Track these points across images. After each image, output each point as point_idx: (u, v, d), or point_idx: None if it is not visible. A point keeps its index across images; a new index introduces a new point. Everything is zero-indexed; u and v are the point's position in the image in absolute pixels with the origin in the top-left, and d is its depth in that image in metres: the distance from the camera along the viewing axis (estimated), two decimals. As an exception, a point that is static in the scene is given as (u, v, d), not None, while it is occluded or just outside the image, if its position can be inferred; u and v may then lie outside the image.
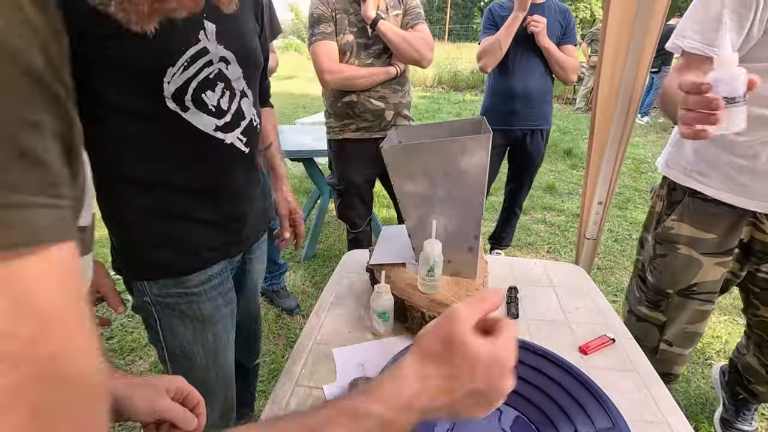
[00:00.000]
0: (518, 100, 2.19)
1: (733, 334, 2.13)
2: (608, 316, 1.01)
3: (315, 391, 0.78)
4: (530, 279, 1.15)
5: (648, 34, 1.04)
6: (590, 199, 1.21)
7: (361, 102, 1.77)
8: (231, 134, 0.84)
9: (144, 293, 0.86)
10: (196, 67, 0.75)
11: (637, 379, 0.82)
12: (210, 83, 0.78)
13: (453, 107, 8.36)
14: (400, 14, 1.77)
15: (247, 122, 0.87)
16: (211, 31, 0.76)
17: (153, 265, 0.85)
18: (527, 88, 2.18)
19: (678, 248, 1.15)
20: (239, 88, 0.84)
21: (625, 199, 3.86)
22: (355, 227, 2.07)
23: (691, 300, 1.17)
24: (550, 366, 0.73)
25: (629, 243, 3.09)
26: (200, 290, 0.89)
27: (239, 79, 0.84)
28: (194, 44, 0.74)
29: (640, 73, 1.08)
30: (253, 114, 0.89)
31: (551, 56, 2.11)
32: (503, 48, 2.09)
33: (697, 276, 1.14)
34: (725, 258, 1.12)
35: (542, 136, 2.31)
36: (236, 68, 0.82)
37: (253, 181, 0.95)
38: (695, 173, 1.10)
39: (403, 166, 0.91)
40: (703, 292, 1.16)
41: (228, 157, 0.84)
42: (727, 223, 1.09)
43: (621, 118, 1.12)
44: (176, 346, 0.90)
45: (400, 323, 0.95)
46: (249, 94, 0.87)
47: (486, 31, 2.19)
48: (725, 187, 1.06)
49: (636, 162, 4.93)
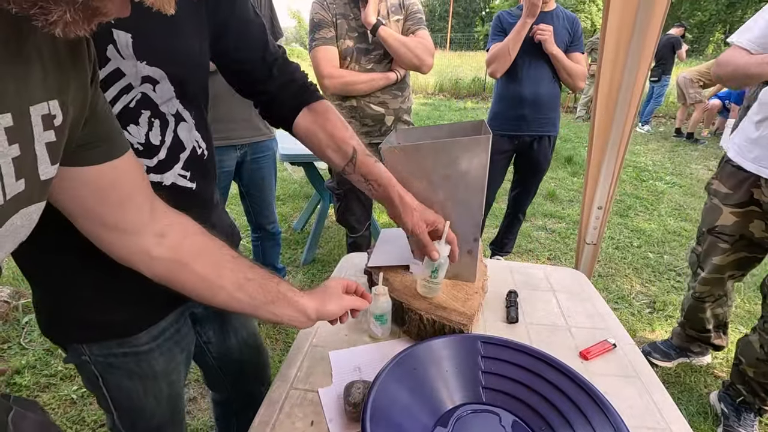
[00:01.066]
0: (527, 106, 2.19)
1: (735, 343, 2.10)
2: (609, 322, 1.00)
3: (310, 394, 0.76)
4: (530, 283, 1.14)
5: (646, 43, 1.05)
6: (590, 203, 1.20)
7: (361, 107, 1.77)
8: (169, 173, 0.68)
9: (81, 353, 0.71)
10: (107, 97, 0.58)
11: (639, 385, 0.81)
12: (131, 115, 0.61)
13: (454, 114, 8.39)
14: (402, 20, 1.78)
15: (188, 153, 0.70)
16: (125, 43, 0.57)
17: (88, 325, 0.69)
18: (536, 94, 2.18)
19: (712, 199, 1.64)
20: (171, 111, 0.66)
21: (626, 207, 3.85)
22: (354, 231, 2.06)
23: (714, 237, 1.63)
24: (550, 370, 0.72)
25: (630, 250, 3.07)
26: (151, 347, 0.74)
27: (171, 101, 0.65)
28: (101, 66, 0.56)
29: (638, 80, 1.08)
30: (197, 140, 0.72)
31: (559, 63, 2.11)
32: (512, 54, 2.09)
33: (718, 219, 1.60)
34: (737, 209, 1.55)
35: (549, 142, 2.31)
36: (167, 87, 0.64)
37: (208, 218, 0.77)
38: (735, 145, 1.55)
39: (402, 168, 0.90)
40: (721, 233, 1.60)
41: (171, 201, 0.62)
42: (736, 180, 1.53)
43: (620, 123, 1.12)
44: (123, 399, 0.77)
45: (398, 326, 0.93)
46: (187, 116, 0.69)
47: (495, 37, 2.19)
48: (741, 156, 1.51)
49: (637, 170, 4.93)
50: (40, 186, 0.43)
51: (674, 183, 4.59)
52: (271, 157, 1.99)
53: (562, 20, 2.14)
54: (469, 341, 0.77)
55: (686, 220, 3.63)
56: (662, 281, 2.70)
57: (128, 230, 0.56)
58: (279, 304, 0.65)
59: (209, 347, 0.94)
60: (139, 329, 0.72)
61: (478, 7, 30.08)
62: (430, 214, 0.85)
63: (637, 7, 0.99)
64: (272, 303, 0.65)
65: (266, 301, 0.64)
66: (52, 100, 0.41)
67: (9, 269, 2.49)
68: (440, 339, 0.77)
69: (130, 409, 0.78)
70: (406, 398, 0.67)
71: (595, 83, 1.12)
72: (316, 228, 2.81)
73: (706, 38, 21.62)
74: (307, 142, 0.83)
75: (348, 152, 0.80)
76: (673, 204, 4.01)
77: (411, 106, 1.93)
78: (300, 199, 3.87)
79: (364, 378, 0.76)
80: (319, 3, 1.71)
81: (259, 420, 0.71)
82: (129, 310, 0.71)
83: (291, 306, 0.66)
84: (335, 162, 0.82)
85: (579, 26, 2.19)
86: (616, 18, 1.05)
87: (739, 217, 1.55)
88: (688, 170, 5.09)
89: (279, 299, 0.65)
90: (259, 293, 0.64)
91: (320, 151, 0.82)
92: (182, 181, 0.71)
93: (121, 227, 0.55)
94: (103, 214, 0.54)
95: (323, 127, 0.80)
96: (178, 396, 0.86)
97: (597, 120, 1.13)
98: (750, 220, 1.54)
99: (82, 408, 1.65)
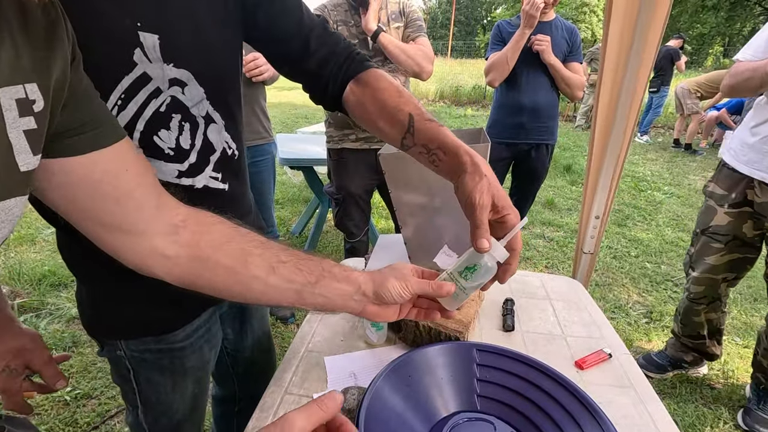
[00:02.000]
0: (526, 114, 2.21)
1: (732, 355, 2.11)
2: (605, 331, 1.00)
3: (304, 400, 0.76)
4: (527, 291, 1.14)
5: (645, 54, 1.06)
6: (588, 213, 1.20)
7: None
8: (201, 176, 0.67)
9: (117, 348, 0.73)
10: (137, 102, 0.56)
11: (634, 396, 0.81)
12: (162, 119, 0.60)
13: (454, 121, 8.42)
14: (402, 27, 1.79)
15: (218, 154, 0.69)
16: (152, 45, 0.55)
17: (129, 323, 0.71)
18: (535, 103, 2.20)
19: (707, 201, 1.71)
20: (201, 113, 0.65)
21: (624, 217, 3.87)
22: (352, 237, 2.06)
23: (708, 237, 1.70)
24: (546, 379, 0.72)
25: (627, 260, 3.08)
26: (184, 344, 0.76)
27: (201, 102, 0.64)
28: (128, 71, 0.54)
29: (638, 90, 1.09)
30: (226, 141, 0.70)
31: (557, 73, 2.14)
32: (510, 63, 2.11)
33: (713, 220, 1.66)
34: (732, 210, 1.61)
35: (547, 151, 2.33)
36: (196, 89, 0.62)
37: (240, 216, 0.74)
38: (731, 150, 1.63)
39: (401, 174, 0.91)
40: (715, 233, 1.67)
41: (203, 203, 0.59)
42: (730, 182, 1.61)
43: (619, 133, 1.13)
44: (151, 393, 0.78)
45: (394, 333, 0.93)
46: (216, 117, 0.67)
47: (494, 47, 2.22)
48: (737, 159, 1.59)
49: (635, 180, 4.95)
50: (20, 178, 0.39)
51: (672, 193, 4.61)
52: (270, 161, 2.00)
53: (560, 30, 2.17)
54: (464, 349, 0.77)
55: (684, 231, 3.65)
56: (659, 291, 2.70)
57: (131, 231, 0.50)
58: (325, 283, 0.55)
59: (225, 343, 0.95)
60: (177, 326, 0.73)
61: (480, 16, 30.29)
62: (504, 197, 0.59)
63: (637, 18, 1.00)
64: (317, 283, 0.54)
65: (308, 282, 0.54)
66: (29, 83, 0.38)
67: (5, 268, 2.49)
68: (436, 346, 0.77)
69: (156, 404, 0.79)
70: (401, 405, 0.67)
71: (596, 93, 1.13)
72: (315, 232, 2.81)
73: (705, 50, 21.81)
74: (359, 119, 0.72)
75: (404, 121, 0.65)
76: (670, 214, 4.03)
77: None
78: (299, 203, 3.87)
79: (359, 384, 0.76)
80: (320, 10, 1.72)
81: (253, 425, 0.71)
82: (169, 309, 0.71)
83: (341, 280, 0.55)
84: (392, 136, 0.68)
85: (578, 36, 2.21)
86: (617, 29, 1.06)
87: (733, 217, 1.62)
88: (686, 181, 5.11)
89: (324, 277, 0.55)
90: (298, 275, 0.54)
91: (374, 127, 0.70)
92: (214, 183, 0.69)
93: (123, 228, 0.50)
94: (99, 213, 0.48)
95: (373, 97, 0.69)
96: (202, 393, 0.87)
97: (597, 129, 1.14)
98: (744, 220, 1.61)
99: (75, 410, 1.64)
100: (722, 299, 1.76)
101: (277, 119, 7.46)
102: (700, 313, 1.78)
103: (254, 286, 0.54)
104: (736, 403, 1.82)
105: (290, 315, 2.24)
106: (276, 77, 1.93)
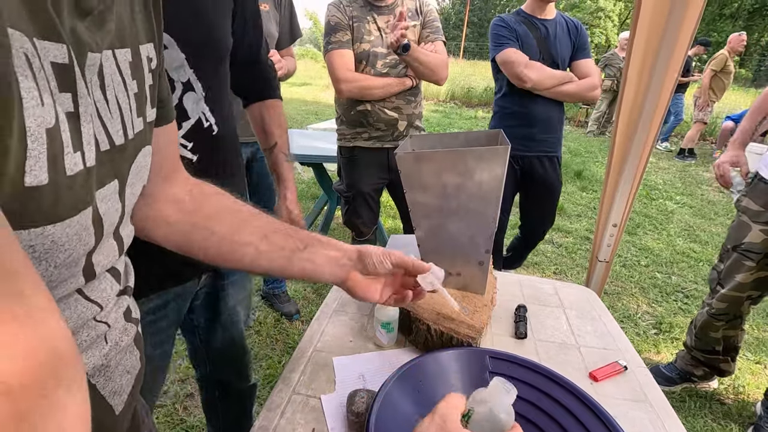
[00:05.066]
0: (538, 125, 2.03)
1: (743, 370, 2.06)
2: (620, 343, 0.97)
3: (312, 401, 0.75)
4: (539, 298, 1.12)
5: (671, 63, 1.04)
6: (605, 221, 1.18)
7: (375, 111, 1.76)
8: None
9: None
10: None
11: (650, 410, 0.78)
12: None
13: (465, 122, 8.38)
14: (418, 25, 1.77)
15: (192, 123, 0.71)
16: None
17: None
18: (548, 113, 2.03)
19: (740, 216, 1.63)
20: (182, 79, 0.68)
21: (635, 225, 3.82)
22: (361, 235, 2.05)
23: (740, 254, 1.63)
24: (560, 391, 0.70)
25: (637, 269, 3.03)
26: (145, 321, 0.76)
27: (182, 68, 0.67)
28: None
29: (662, 98, 1.06)
30: (203, 112, 0.73)
31: (574, 97, 2.01)
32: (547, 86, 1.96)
33: (746, 237, 1.60)
34: (765, 227, 1.55)
35: (558, 162, 2.16)
36: (177, 54, 0.66)
37: None
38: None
39: (416, 175, 0.89)
40: (748, 251, 1.61)
41: None
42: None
43: (640, 141, 1.10)
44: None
45: (404, 335, 0.92)
46: (198, 87, 0.70)
47: (508, 41, 1.96)
48: None
49: (647, 188, 4.89)
50: (149, 127, 0.42)
51: (684, 203, 4.55)
52: (281, 157, 1.99)
53: (564, 28, 2.01)
54: (477, 356, 0.75)
55: (695, 242, 3.59)
56: (669, 302, 2.66)
57: (144, 194, 0.51)
58: (313, 249, 0.58)
59: (198, 330, 1.00)
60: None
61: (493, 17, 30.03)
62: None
63: (665, 26, 0.97)
64: (305, 249, 0.58)
65: (298, 248, 0.57)
66: (149, 43, 0.41)
67: None
68: (448, 351, 0.76)
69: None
70: (411, 411, 0.66)
71: (618, 102, 1.11)
72: (322, 230, 2.80)
73: (721, 59, 21.45)
74: (250, 116, 1.04)
75: (269, 142, 1.03)
76: (682, 224, 3.97)
77: (422, 112, 1.92)
78: (307, 199, 3.87)
79: (368, 387, 0.74)
80: (335, 5, 1.70)
81: (260, 424, 0.70)
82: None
83: (328, 247, 0.59)
84: (261, 141, 1.04)
85: (583, 31, 2.03)
86: (642, 37, 1.04)
87: None
88: (699, 191, 5.04)
89: (313, 244, 0.58)
90: (289, 241, 0.57)
91: (255, 128, 1.04)
92: (182, 150, 0.71)
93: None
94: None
95: (264, 116, 1.02)
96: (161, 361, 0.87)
97: (618, 138, 1.11)
98: None
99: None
100: (743, 317, 1.72)
101: (287, 115, 7.45)
102: (718, 329, 1.73)
103: (247, 252, 0.56)
104: (746, 419, 1.78)
105: (295, 312, 2.23)
106: (290, 74, 1.92)
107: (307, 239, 0.59)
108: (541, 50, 1.97)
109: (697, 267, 3.15)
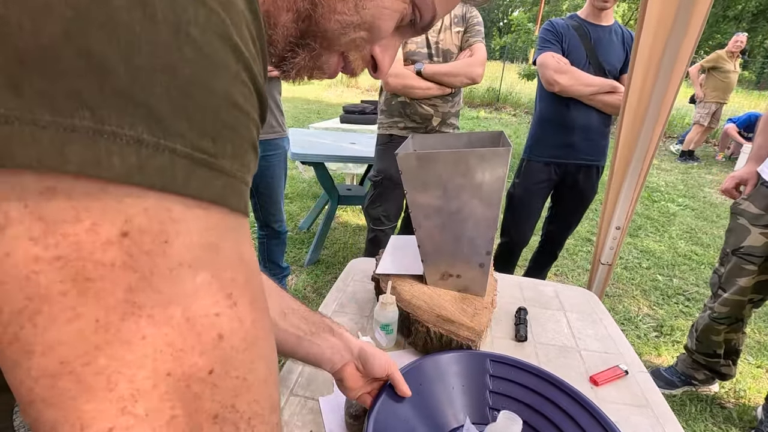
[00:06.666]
0: (577, 133, 1.91)
1: (744, 374, 2.05)
2: (621, 347, 0.96)
3: (310, 402, 0.74)
4: (540, 301, 1.11)
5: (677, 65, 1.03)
6: (608, 223, 1.17)
7: (412, 104, 1.86)
8: None
9: None
10: None
11: (651, 416, 0.78)
12: None
13: (467, 123, 8.37)
14: (461, 31, 1.83)
15: None
16: None
17: None
18: (588, 120, 1.91)
19: (737, 219, 1.61)
20: None
21: (636, 227, 3.80)
22: (378, 224, 2.05)
23: (739, 258, 1.61)
24: (561, 395, 0.69)
25: (639, 272, 3.02)
26: None
27: None
28: None
29: (667, 99, 1.05)
30: None
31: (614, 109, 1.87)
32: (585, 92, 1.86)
33: (746, 240, 1.57)
34: (765, 230, 1.53)
35: (598, 173, 2.04)
36: None
37: None
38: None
39: (418, 175, 0.88)
40: (749, 254, 1.58)
41: None
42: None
43: (644, 145, 1.09)
44: None
45: (404, 337, 0.91)
46: None
47: (550, 45, 1.89)
48: None
49: (649, 190, 4.87)
50: None
51: (686, 205, 4.53)
52: (282, 155, 1.98)
53: (619, 37, 1.92)
54: (477, 359, 0.75)
55: (697, 244, 3.58)
56: (670, 305, 2.65)
57: None
58: (321, 334, 0.60)
59: None
60: None
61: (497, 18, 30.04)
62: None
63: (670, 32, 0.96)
64: (315, 333, 0.59)
65: (310, 332, 0.59)
66: None
67: None
68: (448, 354, 0.75)
69: None
70: (410, 413, 0.65)
71: (622, 105, 1.10)
72: (323, 229, 2.80)
73: (725, 61, 21.39)
74: None
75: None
76: (684, 227, 3.95)
77: (459, 110, 1.98)
78: (308, 198, 3.86)
79: (366, 389, 0.73)
80: None
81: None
82: None
83: (334, 335, 0.61)
84: None
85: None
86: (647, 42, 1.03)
87: None
88: (701, 193, 5.02)
89: (322, 329, 0.60)
90: (303, 323, 0.59)
91: None
92: None
93: None
94: None
95: None
96: None
97: (621, 142, 1.11)
98: None
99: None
100: (744, 320, 1.71)
101: (288, 113, 7.47)
102: (720, 332, 1.72)
103: None
104: (747, 424, 1.77)
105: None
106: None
107: (319, 324, 0.61)
108: (588, 56, 1.87)
109: (699, 270, 3.13)
